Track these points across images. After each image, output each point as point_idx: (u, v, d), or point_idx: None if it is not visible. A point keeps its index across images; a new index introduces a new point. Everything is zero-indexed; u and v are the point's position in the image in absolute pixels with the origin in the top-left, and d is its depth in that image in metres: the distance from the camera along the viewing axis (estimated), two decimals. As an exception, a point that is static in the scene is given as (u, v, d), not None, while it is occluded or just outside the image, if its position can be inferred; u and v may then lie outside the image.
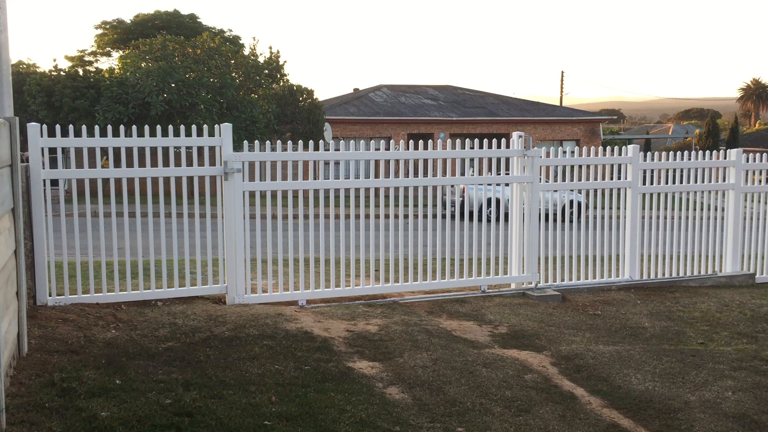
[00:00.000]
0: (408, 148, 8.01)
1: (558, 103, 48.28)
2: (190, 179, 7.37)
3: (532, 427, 4.53)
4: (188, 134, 7.13)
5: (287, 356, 5.60)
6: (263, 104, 25.27)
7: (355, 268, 7.86)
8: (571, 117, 37.03)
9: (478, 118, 34.75)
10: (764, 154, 9.60)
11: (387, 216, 7.93)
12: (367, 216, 7.91)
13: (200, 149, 7.24)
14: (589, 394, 5.16)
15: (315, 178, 7.61)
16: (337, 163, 7.87)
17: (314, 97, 27.90)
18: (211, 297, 7.30)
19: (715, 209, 9.29)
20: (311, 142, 7.70)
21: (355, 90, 41.01)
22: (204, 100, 23.51)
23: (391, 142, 8.37)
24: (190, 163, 7.56)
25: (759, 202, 9.55)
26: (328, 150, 7.68)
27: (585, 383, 5.36)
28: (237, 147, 7.57)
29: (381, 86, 38.33)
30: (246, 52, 28.32)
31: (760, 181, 9.67)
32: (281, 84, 27.85)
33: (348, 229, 7.71)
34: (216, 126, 7.25)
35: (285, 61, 29.38)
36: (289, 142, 7.56)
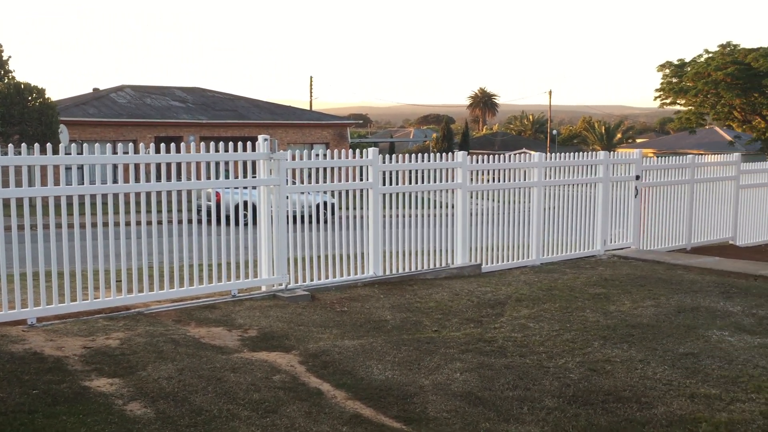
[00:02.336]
0: (149, 151, 7.66)
1: (308, 107, 49.40)
2: None
3: (278, 426, 4.59)
4: None
5: (12, 382, 5.07)
6: (-16, 103, 22.57)
7: (94, 280, 7.34)
8: (320, 121, 38.06)
9: (228, 121, 34.30)
10: (489, 156, 10.67)
11: (128, 223, 7.50)
12: (106, 224, 7.41)
13: None
14: (334, 388, 5.34)
15: (44, 185, 6.99)
16: (69, 168, 7.28)
17: (46, 96, 25.51)
18: None
19: (449, 207, 10.14)
20: (37, 145, 7.05)
21: (95, 90, 38.26)
22: None
23: (131, 145, 7.92)
24: None
25: (484, 199, 10.59)
26: (58, 153, 7.07)
27: (331, 378, 5.55)
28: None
29: (124, 86, 36.21)
30: (-40, 43, 25.06)
31: (487, 180, 10.74)
32: (6, 81, 25.08)
33: (84, 238, 7.18)
34: None
35: (9, 57, 26.57)
36: (10, 146, 6.85)
